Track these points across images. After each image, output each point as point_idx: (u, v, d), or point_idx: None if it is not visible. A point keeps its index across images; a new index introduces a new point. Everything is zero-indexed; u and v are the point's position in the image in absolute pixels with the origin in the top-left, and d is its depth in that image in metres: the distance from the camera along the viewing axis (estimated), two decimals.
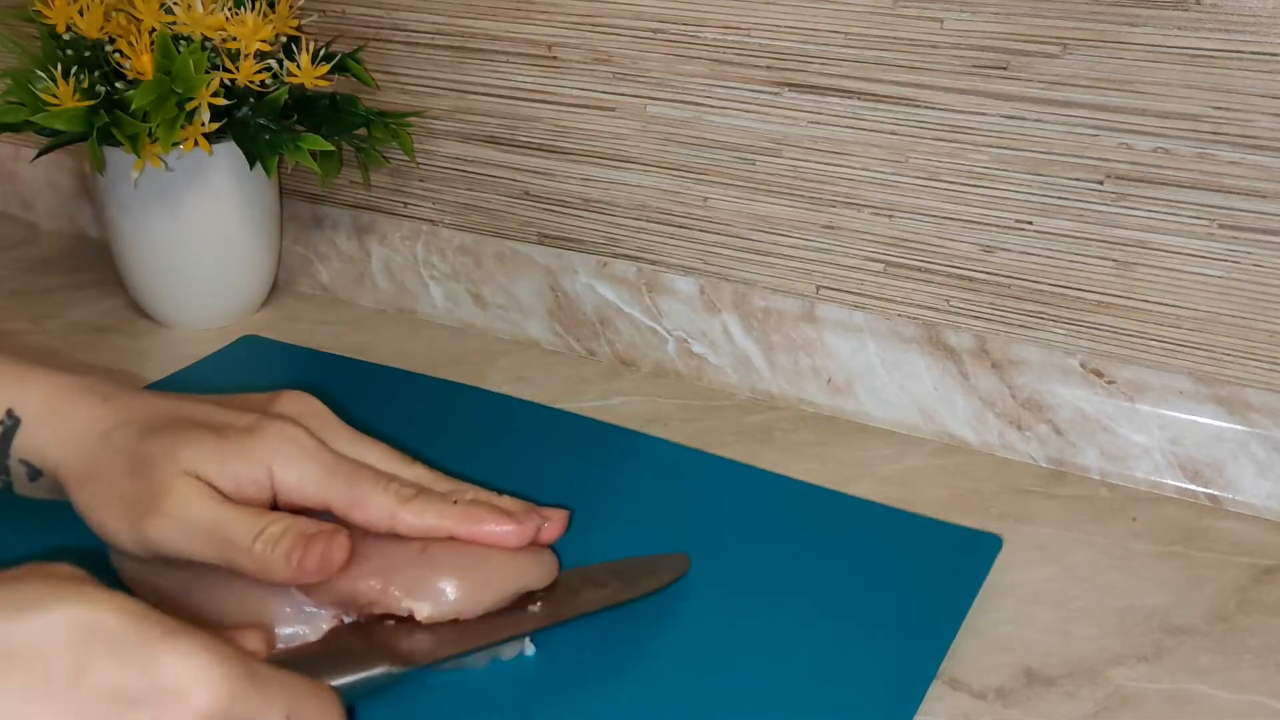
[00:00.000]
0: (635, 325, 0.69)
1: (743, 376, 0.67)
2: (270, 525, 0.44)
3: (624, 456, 0.58)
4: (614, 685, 0.44)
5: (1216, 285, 0.55)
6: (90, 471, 0.46)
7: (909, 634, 0.47)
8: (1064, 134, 0.56)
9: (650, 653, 0.46)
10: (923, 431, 0.63)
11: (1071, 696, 0.45)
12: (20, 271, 0.83)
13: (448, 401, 0.63)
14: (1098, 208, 0.56)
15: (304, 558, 0.43)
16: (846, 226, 0.63)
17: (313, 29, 0.73)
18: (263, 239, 0.73)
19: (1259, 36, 0.51)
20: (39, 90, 0.63)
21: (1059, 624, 0.49)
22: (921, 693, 0.44)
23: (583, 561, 0.50)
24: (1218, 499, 0.57)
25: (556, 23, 0.66)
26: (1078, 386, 0.59)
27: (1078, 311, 0.59)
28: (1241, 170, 0.53)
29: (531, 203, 0.71)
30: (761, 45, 0.61)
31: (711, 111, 0.64)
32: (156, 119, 0.62)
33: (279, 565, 0.43)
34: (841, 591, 0.49)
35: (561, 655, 0.46)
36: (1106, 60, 0.54)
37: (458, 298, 0.74)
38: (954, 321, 0.62)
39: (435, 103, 0.72)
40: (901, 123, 0.59)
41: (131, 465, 0.45)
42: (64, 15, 0.64)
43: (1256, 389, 0.56)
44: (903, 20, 0.57)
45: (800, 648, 0.46)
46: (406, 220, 0.76)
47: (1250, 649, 0.48)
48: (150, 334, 0.73)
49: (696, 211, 0.66)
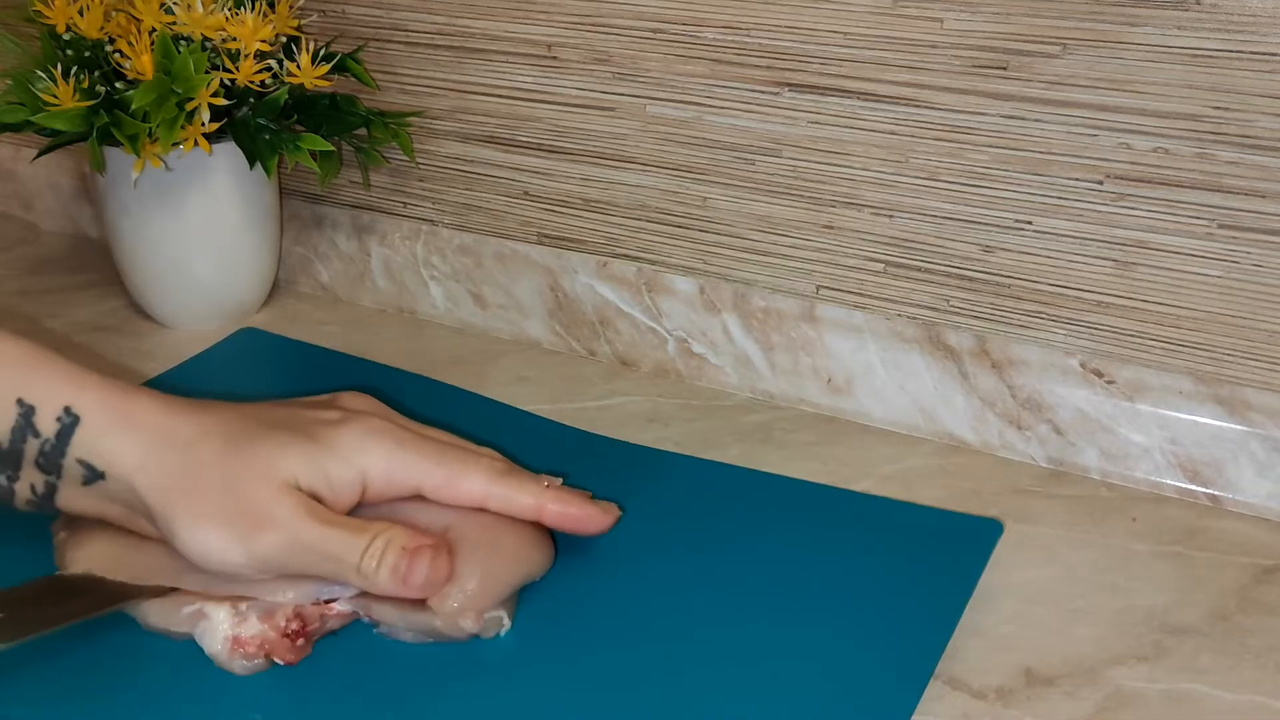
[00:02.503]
0: (635, 325, 0.69)
1: (743, 376, 0.67)
2: (374, 540, 0.45)
3: (620, 461, 0.58)
4: (610, 683, 0.44)
5: (1216, 285, 0.55)
6: (179, 484, 0.45)
7: (911, 622, 0.47)
8: (1064, 134, 0.56)
9: (648, 651, 0.46)
10: (923, 431, 0.63)
11: (1071, 696, 0.45)
12: (20, 271, 0.83)
13: (447, 403, 0.63)
14: (1097, 208, 0.56)
15: (409, 574, 0.44)
16: (846, 226, 0.63)
17: (313, 29, 0.73)
18: (263, 239, 0.73)
19: (1259, 36, 0.51)
20: (39, 90, 0.63)
21: (1059, 624, 0.49)
22: (924, 681, 0.44)
23: (581, 562, 0.50)
24: (1218, 499, 0.57)
25: (556, 23, 0.66)
26: (1078, 386, 0.59)
27: (1078, 311, 0.59)
28: (1241, 170, 0.53)
29: (531, 203, 0.71)
30: (761, 45, 0.61)
31: (711, 111, 0.64)
32: (156, 119, 0.62)
33: (386, 582, 0.44)
34: (841, 582, 0.49)
35: (546, 644, 0.46)
36: (1106, 60, 0.54)
37: (458, 298, 0.74)
38: (954, 321, 0.62)
39: (435, 103, 0.72)
40: (901, 123, 0.59)
41: (226, 480, 0.45)
42: (64, 15, 0.64)
43: (1256, 389, 0.56)
44: (903, 20, 0.57)
45: (799, 641, 0.46)
46: (406, 220, 0.76)
47: (1250, 649, 0.48)
48: (150, 334, 0.73)
49: (696, 211, 0.66)
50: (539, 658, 0.45)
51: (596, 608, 0.48)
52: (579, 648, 0.46)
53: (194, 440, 0.45)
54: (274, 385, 0.53)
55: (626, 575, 0.50)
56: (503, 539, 0.47)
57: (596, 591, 0.49)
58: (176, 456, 0.45)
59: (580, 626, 0.47)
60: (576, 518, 0.49)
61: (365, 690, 0.44)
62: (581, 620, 0.47)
